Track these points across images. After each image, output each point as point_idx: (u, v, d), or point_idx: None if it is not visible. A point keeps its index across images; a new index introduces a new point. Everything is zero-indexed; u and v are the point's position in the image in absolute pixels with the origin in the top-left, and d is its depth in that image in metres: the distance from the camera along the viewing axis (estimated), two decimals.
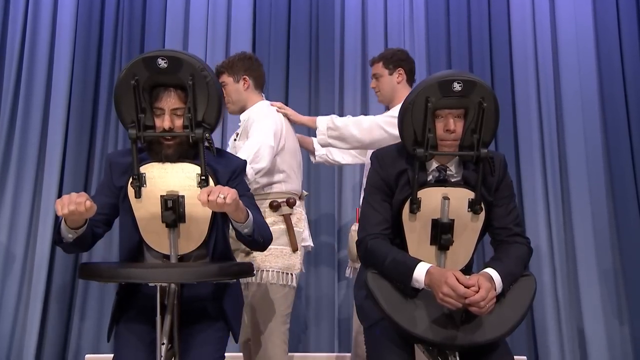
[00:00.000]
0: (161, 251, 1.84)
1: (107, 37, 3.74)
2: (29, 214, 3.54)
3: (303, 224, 2.58)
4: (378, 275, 1.74)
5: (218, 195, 1.58)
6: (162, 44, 3.72)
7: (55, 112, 3.60)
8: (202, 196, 1.60)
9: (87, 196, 1.59)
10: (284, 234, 2.49)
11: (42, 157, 3.59)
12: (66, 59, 3.65)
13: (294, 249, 2.49)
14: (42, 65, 3.65)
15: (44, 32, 3.68)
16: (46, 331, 3.45)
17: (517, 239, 1.83)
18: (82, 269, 1.72)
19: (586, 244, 3.52)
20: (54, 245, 3.41)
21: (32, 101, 3.62)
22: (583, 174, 3.59)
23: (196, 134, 1.76)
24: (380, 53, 2.84)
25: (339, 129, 2.58)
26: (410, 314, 1.66)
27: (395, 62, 2.74)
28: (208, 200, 1.59)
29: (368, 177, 1.92)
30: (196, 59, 1.76)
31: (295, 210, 2.54)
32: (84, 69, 3.68)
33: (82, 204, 1.56)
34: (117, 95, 1.77)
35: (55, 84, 3.63)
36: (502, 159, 1.88)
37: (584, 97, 3.67)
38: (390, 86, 2.75)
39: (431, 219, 1.78)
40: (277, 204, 2.50)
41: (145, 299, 1.86)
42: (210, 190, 1.61)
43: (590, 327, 3.44)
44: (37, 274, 3.43)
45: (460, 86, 1.69)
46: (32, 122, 3.60)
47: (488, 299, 1.54)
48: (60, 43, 3.67)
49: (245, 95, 2.63)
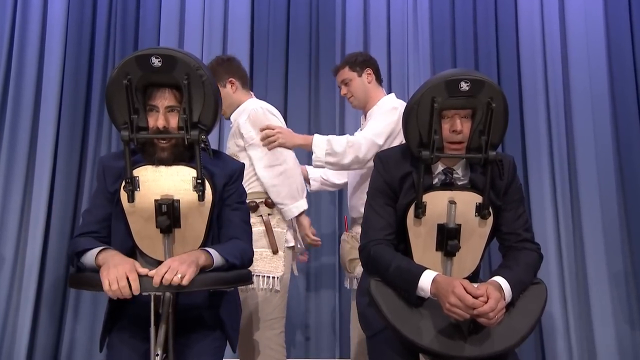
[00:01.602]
0: (155, 257, 1.81)
1: (99, 33, 3.72)
2: (19, 216, 3.52)
3: (286, 224, 2.54)
4: (382, 283, 1.72)
5: (175, 275, 1.57)
6: (156, 38, 3.70)
7: (45, 112, 3.58)
8: (156, 278, 1.57)
9: (136, 278, 1.57)
10: (263, 236, 2.47)
11: (32, 158, 3.57)
12: (57, 56, 3.62)
13: (274, 251, 2.46)
14: (32, 62, 3.63)
15: (34, 28, 3.65)
16: (37, 337, 3.43)
17: (527, 244, 1.80)
18: (72, 278, 1.68)
19: (596, 245, 3.51)
20: (45, 247, 3.45)
21: (22, 101, 3.59)
22: (593, 173, 3.57)
23: (191, 135, 1.73)
24: (342, 60, 2.84)
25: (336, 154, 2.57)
26: (416, 324, 1.63)
27: (361, 64, 2.74)
28: (161, 281, 1.56)
29: (371, 180, 1.89)
30: (191, 58, 1.73)
31: (275, 211, 2.51)
32: (75, 66, 3.65)
33: (127, 288, 1.56)
34: (108, 95, 1.73)
35: (46, 82, 3.61)
36: (511, 161, 1.85)
37: (594, 94, 3.65)
38: (363, 88, 2.75)
39: (437, 224, 1.75)
40: (255, 205, 2.48)
41: (139, 308, 1.82)
42: (168, 267, 1.59)
43: (600, 333, 3.42)
44: (27, 277, 3.41)
45: (467, 85, 1.66)
46: (22, 122, 3.58)
47: (497, 309, 1.51)
48: (51, 39, 3.65)
49: (236, 97, 2.63)
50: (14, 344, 3.36)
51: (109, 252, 1.70)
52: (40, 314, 3.44)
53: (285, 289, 2.52)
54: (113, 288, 1.55)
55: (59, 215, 3.52)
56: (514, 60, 3.73)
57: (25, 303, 3.38)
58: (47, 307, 3.45)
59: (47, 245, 3.50)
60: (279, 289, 2.46)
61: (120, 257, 1.67)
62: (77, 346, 3.42)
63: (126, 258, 1.66)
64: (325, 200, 3.59)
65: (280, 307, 2.49)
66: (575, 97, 3.64)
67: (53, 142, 3.55)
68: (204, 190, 1.77)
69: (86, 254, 1.72)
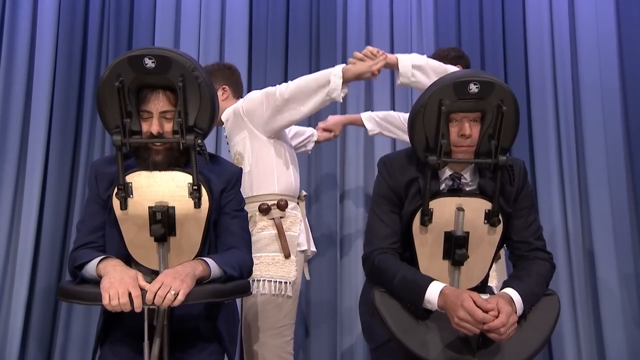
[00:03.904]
0: (150, 267, 1.78)
1: (92, 32, 3.65)
2: (9, 222, 3.46)
3: (298, 227, 2.50)
4: (386, 294, 1.69)
5: (169, 291, 1.54)
6: (152, 35, 3.65)
7: (36, 113, 3.52)
8: (149, 295, 1.54)
9: (139, 295, 1.55)
10: (275, 240, 2.42)
11: (22, 161, 3.52)
12: (48, 56, 3.55)
13: (286, 256, 2.42)
14: (22, 61, 3.56)
15: (23, 26, 3.59)
16: (27, 350, 3.38)
17: (538, 254, 1.77)
18: (62, 290, 1.65)
19: (606, 246, 3.46)
20: (36, 253, 3.42)
21: (11, 102, 3.54)
22: (603, 171, 3.52)
23: (187, 140, 1.69)
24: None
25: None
26: (422, 338, 1.61)
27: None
28: (154, 297, 1.53)
29: (375, 185, 1.86)
30: (187, 58, 1.68)
31: (288, 213, 2.47)
32: (67, 66, 3.59)
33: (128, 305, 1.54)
34: (99, 98, 1.69)
35: (37, 83, 3.54)
36: (522, 166, 1.81)
37: (604, 88, 3.59)
38: None
39: (444, 231, 1.72)
40: (267, 207, 2.43)
41: (133, 319, 1.78)
42: (161, 283, 1.55)
43: (610, 336, 3.38)
44: (17, 286, 3.36)
45: (477, 87, 1.62)
46: (12, 123, 3.52)
47: (509, 324, 1.48)
48: (42, 37, 3.58)
49: (223, 105, 2.62)
50: (4, 351, 3.31)
51: (110, 261, 1.68)
52: (31, 324, 3.39)
53: (297, 295, 2.47)
54: (113, 303, 1.52)
55: (51, 223, 3.47)
56: (521, 48, 3.66)
57: (15, 315, 3.33)
58: (38, 318, 3.40)
59: (39, 252, 3.45)
60: (291, 295, 2.42)
61: (121, 267, 1.65)
62: (69, 355, 3.38)
63: (128, 269, 1.64)
64: (326, 192, 3.56)
65: (291, 313, 2.44)
66: (584, 89, 3.59)
67: (44, 145, 3.49)
68: (200, 197, 1.74)
69: (86, 267, 1.69)
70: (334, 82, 2.34)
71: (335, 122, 3.07)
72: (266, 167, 2.47)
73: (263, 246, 2.38)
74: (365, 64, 2.37)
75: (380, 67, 2.37)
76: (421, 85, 2.35)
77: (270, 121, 2.41)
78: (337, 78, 2.34)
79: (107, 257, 1.70)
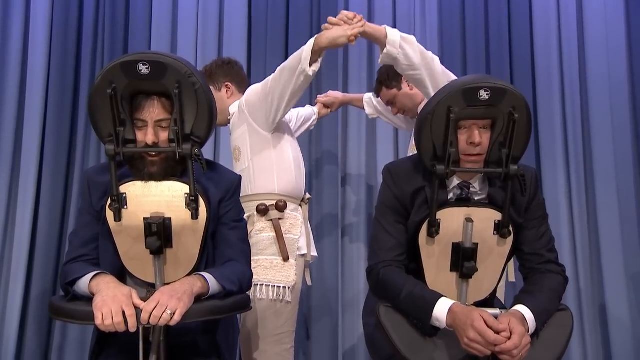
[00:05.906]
0: (146, 280, 1.73)
1: (86, 34, 3.58)
2: (4, 223, 3.42)
3: (299, 230, 2.43)
4: (392, 309, 1.65)
5: (165, 311, 1.49)
6: (148, 28, 3.59)
7: (30, 117, 3.47)
8: (144, 315, 1.49)
9: (134, 314, 1.50)
10: (274, 243, 2.36)
11: (16, 168, 3.47)
12: (41, 59, 3.49)
13: (285, 259, 2.36)
14: (14, 65, 3.50)
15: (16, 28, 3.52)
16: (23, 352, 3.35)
17: (551, 267, 1.73)
18: (53, 307, 1.60)
19: (613, 245, 3.43)
20: (30, 261, 3.37)
21: (4, 107, 3.48)
22: (610, 168, 3.49)
23: (184, 149, 1.63)
24: (376, 82, 2.81)
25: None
26: (429, 356, 1.58)
27: (393, 76, 2.69)
28: (149, 317, 1.49)
29: (380, 194, 1.80)
30: (183, 63, 1.62)
31: (288, 215, 2.41)
32: (61, 70, 3.53)
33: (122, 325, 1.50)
34: (91, 105, 1.63)
35: (30, 88, 3.49)
36: (534, 174, 1.76)
37: (612, 81, 3.54)
38: (408, 97, 2.73)
39: (452, 243, 1.67)
40: (265, 208, 2.36)
41: (128, 334, 1.73)
42: (157, 302, 1.51)
43: (617, 337, 3.35)
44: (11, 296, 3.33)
45: (487, 94, 1.56)
46: (5, 129, 3.47)
47: (522, 346, 1.44)
48: (35, 40, 3.51)
49: (229, 103, 2.56)
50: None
51: (103, 277, 1.63)
52: (26, 335, 3.36)
53: (297, 300, 2.41)
54: (107, 323, 1.48)
55: (45, 227, 3.43)
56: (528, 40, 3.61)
57: (9, 326, 3.30)
58: (32, 330, 3.37)
59: (34, 257, 3.42)
60: (290, 300, 2.35)
61: (115, 284, 1.59)
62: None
63: (122, 286, 1.59)
64: (328, 190, 3.53)
65: (291, 320, 2.38)
66: (592, 82, 3.55)
67: (38, 150, 3.44)
68: (197, 208, 1.68)
69: (78, 283, 1.64)
70: (305, 52, 2.22)
71: (334, 98, 3.05)
72: (265, 165, 2.40)
73: (261, 249, 2.33)
74: (340, 28, 2.24)
75: (356, 33, 2.23)
76: (405, 61, 2.23)
77: (269, 111, 2.35)
78: (308, 46, 2.23)
79: (100, 272, 1.65)
